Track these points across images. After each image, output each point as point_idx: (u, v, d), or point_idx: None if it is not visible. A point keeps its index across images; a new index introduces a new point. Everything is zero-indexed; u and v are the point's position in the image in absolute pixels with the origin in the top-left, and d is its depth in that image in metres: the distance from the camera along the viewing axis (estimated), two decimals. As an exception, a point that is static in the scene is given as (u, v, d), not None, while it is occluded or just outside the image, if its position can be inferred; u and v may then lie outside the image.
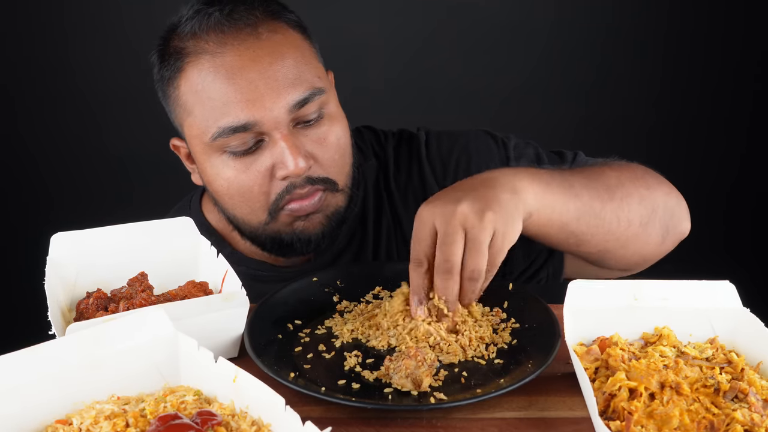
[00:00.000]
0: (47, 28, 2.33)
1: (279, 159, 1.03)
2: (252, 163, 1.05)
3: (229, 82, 1.02)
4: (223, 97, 1.02)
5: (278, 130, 1.03)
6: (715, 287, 0.86)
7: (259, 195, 1.06)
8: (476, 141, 1.23)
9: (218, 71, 1.03)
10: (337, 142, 1.09)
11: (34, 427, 0.68)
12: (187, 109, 1.07)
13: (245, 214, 1.09)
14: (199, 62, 1.04)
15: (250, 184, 1.05)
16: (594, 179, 1.03)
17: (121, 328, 0.74)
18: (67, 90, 2.38)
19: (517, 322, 0.93)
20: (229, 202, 1.09)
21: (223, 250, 1.19)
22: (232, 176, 1.06)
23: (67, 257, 0.94)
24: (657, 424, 0.70)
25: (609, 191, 1.02)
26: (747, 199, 2.62)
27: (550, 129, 2.48)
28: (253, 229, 1.11)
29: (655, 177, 1.11)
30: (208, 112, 1.03)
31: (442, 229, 0.88)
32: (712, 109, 2.54)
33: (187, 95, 1.06)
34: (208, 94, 1.03)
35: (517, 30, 2.46)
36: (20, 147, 2.42)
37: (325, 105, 1.08)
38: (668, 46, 2.49)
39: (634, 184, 1.06)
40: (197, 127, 1.06)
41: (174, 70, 1.07)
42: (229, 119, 1.02)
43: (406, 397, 0.78)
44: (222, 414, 0.67)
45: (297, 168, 1.02)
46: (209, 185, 1.11)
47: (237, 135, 1.03)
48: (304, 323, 0.94)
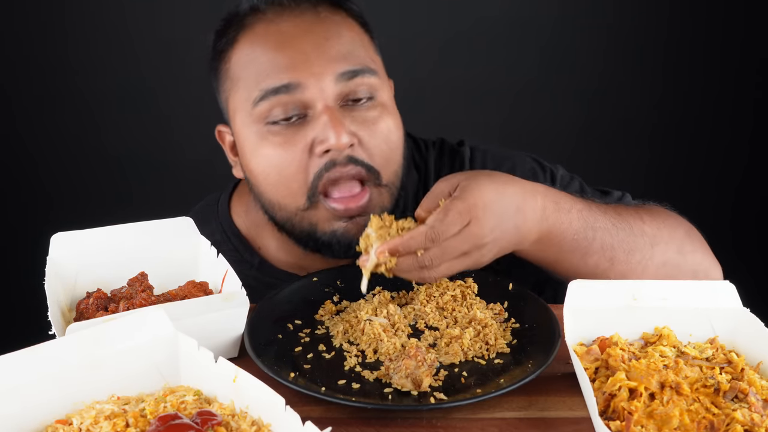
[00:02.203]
0: (47, 27, 2.33)
1: (320, 133, 0.99)
2: (292, 137, 1.01)
3: (280, 48, 1.01)
4: (271, 60, 1.00)
5: (322, 100, 0.99)
6: (715, 287, 0.86)
7: (297, 173, 1.01)
8: (523, 166, 1.19)
9: (270, 38, 1.02)
10: (387, 132, 1.04)
11: (34, 427, 0.68)
12: (234, 80, 1.05)
13: (283, 197, 1.04)
14: (253, 31, 1.04)
15: (288, 159, 1.01)
16: (624, 238, 0.98)
17: (121, 328, 0.74)
18: (67, 90, 2.38)
19: (517, 322, 0.93)
20: (266, 184, 1.05)
21: (251, 260, 1.18)
22: (270, 152, 1.02)
23: (67, 257, 0.94)
24: (657, 424, 0.70)
25: (628, 254, 0.98)
26: (751, 199, 2.62)
27: (553, 134, 2.49)
28: (290, 216, 1.06)
29: (692, 239, 1.05)
30: (253, 76, 1.01)
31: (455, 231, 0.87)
32: (713, 110, 2.55)
33: (237, 65, 1.04)
34: (257, 60, 1.01)
35: (519, 31, 2.46)
36: (20, 147, 2.42)
37: (376, 91, 1.04)
38: (668, 49, 2.50)
39: (665, 247, 1.01)
40: (241, 95, 1.03)
41: (227, 43, 1.06)
42: (273, 80, 0.99)
43: (406, 397, 0.78)
44: (222, 414, 0.67)
45: (338, 142, 0.97)
46: (248, 167, 1.07)
47: (279, 98, 0.99)
48: (304, 323, 0.94)
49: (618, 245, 0.98)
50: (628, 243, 0.99)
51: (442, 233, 0.86)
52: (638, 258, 0.99)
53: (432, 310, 0.95)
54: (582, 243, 0.96)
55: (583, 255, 0.97)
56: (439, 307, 0.95)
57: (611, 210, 1.01)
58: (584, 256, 0.97)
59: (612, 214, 1.00)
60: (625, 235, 0.99)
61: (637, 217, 1.02)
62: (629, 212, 1.02)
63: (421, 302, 0.96)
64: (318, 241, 1.06)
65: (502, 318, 0.94)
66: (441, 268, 0.88)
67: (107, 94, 2.40)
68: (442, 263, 0.88)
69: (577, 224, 0.96)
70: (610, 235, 0.98)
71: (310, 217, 1.04)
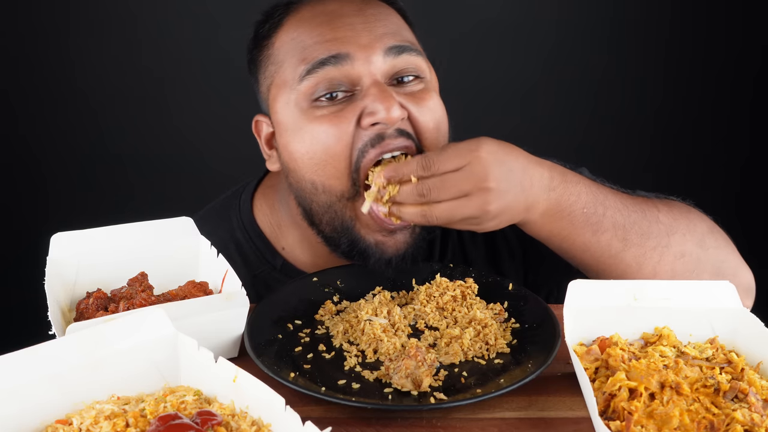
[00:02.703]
0: (49, 28, 2.33)
1: (370, 105, 0.96)
2: (340, 112, 0.98)
3: (329, 23, 1.00)
4: (317, 36, 0.99)
5: (370, 75, 0.98)
6: (715, 287, 0.86)
7: (345, 149, 0.97)
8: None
9: (317, 16, 1.01)
10: (435, 109, 1.02)
11: (34, 427, 0.68)
12: (279, 63, 1.03)
13: (327, 177, 0.99)
14: (299, 12, 1.04)
15: (336, 135, 0.97)
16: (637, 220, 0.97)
17: (121, 328, 0.74)
18: (67, 90, 2.38)
19: (517, 322, 0.93)
20: (311, 164, 1.00)
21: (274, 261, 1.16)
22: (317, 128, 0.98)
23: (67, 257, 0.94)
24: (657, 424, 0.70)
25: (643, 237, 0.97)
26: (754, 199, 2.62)
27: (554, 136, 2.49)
28: (332, 202, 1.01)
29: (715, 235, 1.02)
30: (300, 51, 1.00)
31: (458, 166, 0.87)
32: (713, 110, 2.55)
33: (282, 48, 1.03)
34: (303, 37, 1.00)
35: (521, 31, 2.46)
36: (20, 147, 2.42)
37: (423, 71, 1.03)
38: (671, 43, 2.50)
39: (683, 237, 0.99)
40: (286, 75, 1.02)
41: (271, 28, 1.06)
42: (320, 51, 0.98)
43: (406, 397, 0.78)
44: (222, 414, 0.67)
45: (389, 114, 0.95)
46: (289, 150, 1.03)
47: (325, 71, 0.97)
48: (304, 323, 0.94)
49: (630, 227, 0.96)
50: (641, 226, 0.97)
51: (435, 162, 0.86)
52: (653, 243, 0.97)
53: (432, 310, 0.95)
54: (592, 218, 0.94)
55: (595, 231, 0.95)
56: (439, 307, 0.95)
57: (622, 194, 1.00)
58: (596, 233, 0.95)
59: (623, 196, 0.99)
60: (637, 218, 0.97)
61: (651, 205, 1.00)
62: (643, 199, 1.01)
63: (421, 302, 0.96)
64: (354, 243, 1.02)
65: (502, 318, 0.94)
66: (442, 205, 0.87)
67: (109, 95, 2.40)
68: (441, 197, 0.86)
69: (586, 197, 0.94)
70: (622, 215, 0.96)
71: (354, 208, 1.01)
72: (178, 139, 2.47)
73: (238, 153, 2.36)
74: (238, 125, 2.39)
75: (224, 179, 1.31)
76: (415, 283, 1.02)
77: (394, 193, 0.90)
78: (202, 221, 1.04)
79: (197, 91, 2.43)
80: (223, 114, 2.42)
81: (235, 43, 2.08)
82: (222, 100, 2.41)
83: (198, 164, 2.47)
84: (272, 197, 1.19)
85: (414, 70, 1.02)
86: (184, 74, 2.42)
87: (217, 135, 2.44)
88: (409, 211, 0.89)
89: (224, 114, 2.42)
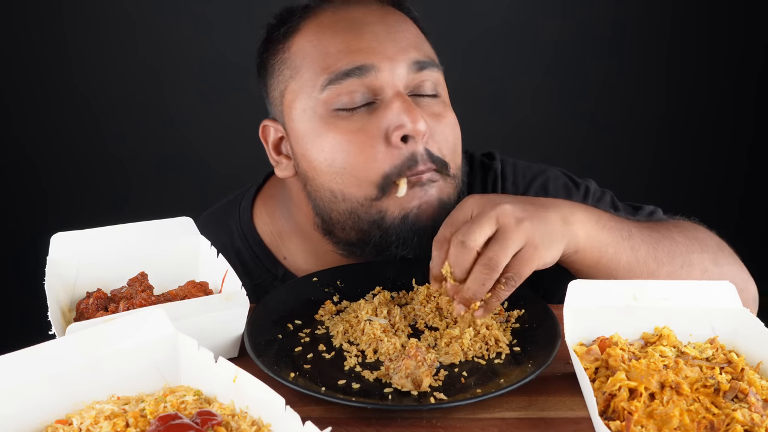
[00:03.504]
0: (46, 28, 2.33)
1: (395, 119, 0.95)
2: (363, 123, 0.97)
3: (353, 31, 0.98)
4: (341, 44, 0.98)
5: (394, 88, 0.97)
6: (715, 287, 0.86)
7: (369, 161, 0.97)
8: (555, 182, 1.17)
9: (339, 23, 1.00)
10: (452, 125, 1.02)
11: (34, 427, 0.68)
12: (296, 68, 1.01)
13: (347, 185, 0.98)
14: (318, 18, 1.02)
15: (359, 146, 0.96)
16: (659, 239, 0.98)
17: (121, 328, 0.74)
18: (67, 90, 2.38)
19: (517, 322, 0.93)
20: (330, 172, 0.99)
21: (275, 270, 1.15)
22: (339, 138, 0.97)
23: (67, 257, 0.94)
24: (657, 424, 0.70)
25: (670, 255, 0.97)
26: (754, 199, 2.62)
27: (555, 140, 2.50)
28: (354, 208, 1.00)
29: (725, 252, 1.04)
30: (322, 59, 0.98)
31: (476, 213, 0.86)
32: (717, 114, 2.55)
33: (300, 53, 1.01)
34: (326, 43, 0.99)
35: (523, 31, 2.46)
36: (20, 147, 2.42)
37: (440, 87, 1.03)
38: (672, 43, 2.50)
39: (700, 256, 1.00)
40: (305, 82, 1.00)
41: (287, 33, 1.04)
42: (345, 62, 0.97)
43: (406, 397, 0.78)
44: (222, 414, 0.67)
45: (415, 126, 0.94)
46: (306, 157, 1.01)
47: (348, 82, 0.96)
48: (304, 323, 0.94)
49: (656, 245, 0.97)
50: (664, 245, 0.97)
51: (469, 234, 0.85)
52: (680, 262, 0.97)
53: (432, 310, 0.95)
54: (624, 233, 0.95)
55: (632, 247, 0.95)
56: (439, 307, 0.95)
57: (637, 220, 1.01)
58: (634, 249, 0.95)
59: (638, 222, 1.00)
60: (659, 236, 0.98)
61: (664, 226, 1.02)
62: (657, 223, 1.03)
63: (421, 302, 0.96)
64: (387, 231, 1.00)
65: (502, 318, 0.94)
66: (499, 255, 0.84)
67: (109, 95, 2.41)
68: (497, 253, 0.84)
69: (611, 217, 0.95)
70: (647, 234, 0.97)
71: (379, 205, 0.99)
72: (179, 140, 2.47)
73: (237, 153, 2.37)
74: (238, 126, 2.41)
75: (224, 179, 1.32)
76: (415, 283, 1.02)
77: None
78: (202, 227, 1.03)
79: (197, 92, 2.43)
80: (223, 114, 2.43)
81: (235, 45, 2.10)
82: (222, 101, 2.42)
83: (198, 164, 2.47)
84: (272, 206, 1.18)
85: (432, 87, 1.02)
86: (185, 74, 2.42)
87: (217, 135, 2.44)
88: (474, 289, 0.86)
89: (224, 114, 2.43)
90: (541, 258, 0.86)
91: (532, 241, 0.85)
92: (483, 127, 2.46)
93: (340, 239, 1.05)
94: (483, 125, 2.47)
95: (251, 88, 1.16)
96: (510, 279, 0.85)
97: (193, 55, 2.39)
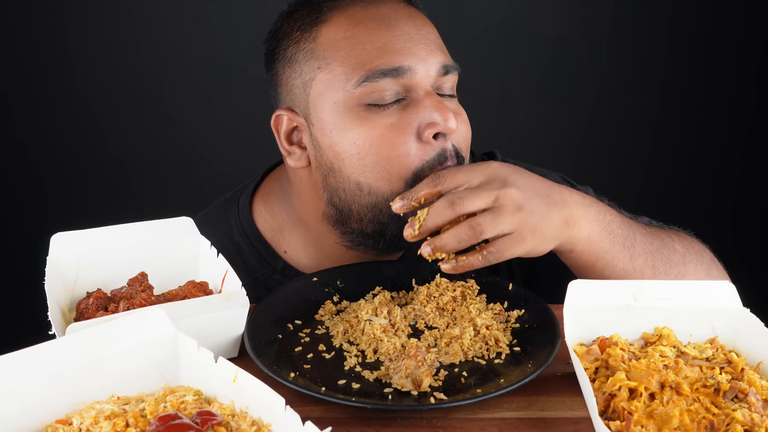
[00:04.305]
0: (47, 28, 2.33)
1: (428, 116, 0.98)
2: (397, 121, 0.99)
3: (387, 29, 1.01)
4: (378, 40, 1.00)
5: (424, 87, 1.00)
6: (715, 287, 0.86)
7: (401, 156, 0.98)
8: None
9: (372, 18, 1.02)
10: (468, 125, 1.06)
11: (34, 427, 0.68)
12: (327, 58, 1.02)
13: (377, 179, 1.00)
14: (349, 11, 1.03)
15: (392, 141, 0.98)
16: (659, 247, 1.00)
17: (121, 328, 0.74)
18: (67, 89, 2.38)
19: (517, 322, 0.93)
20: (361, 165, 1.00)
21: (275, 264, 1.16)
22: (372, 132, 0.99)
23: (67, 257, 0.94)
24: (657, 424, 0.70)
25: (668, 264, 1.00)
26: (753, 199, 2.62)
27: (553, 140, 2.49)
28: (377, 202, 1.02)
29: (717, 266, 1.08)
30: (357, 54, 1.00)
31: (481, 182, 0.89)
32: (713, 111, 2.55)
33: (330, 42, 1.02)
34: (360, 38, 1.01)
35: (521, 31, 2.46)
36: (20, 147, 2.42)
37: (455, 89, 1.07)
38: (671, 45, 2.50)
39: (696, 266, 1.03)
40: (336, 75, 1.01)
41: (313, 21, 1.05)
42: (382, 61, 0.99)
43: (406, 397, 0.78)
44: (222, 414, 0.67)
45: (447, 124, 0.97)
46: (334, 149, 1.02)
47: (384, 81, 0.98)
48: (304, 323, 0.94)
49: (655, 253, 1.00)
50: (663, 253, 1.00)
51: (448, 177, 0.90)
52: (675, 272, 1.00)
53: (432, 310, 0.95)
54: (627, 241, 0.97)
55: (631, 256, 0.98)
56: (439, 307, 0.95)
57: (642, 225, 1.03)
58: (632, 258, 0.98)
59: (643, 226, 1.02)
60: (660, 245, 1.01)
61: (664, 233, 1.04)
62: (659, 230, 1.05)
63: (421, 302, 0.96)
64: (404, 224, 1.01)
65: (502, 318, 0.94)
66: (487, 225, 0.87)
67: (109, 95, 2.40)
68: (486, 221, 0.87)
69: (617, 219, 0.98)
70: (647, 241, 1.00)
71: None
72: (179, 140, 2.47)
73: (238, 153, 2.37)
74: (239, 126, 2.41)
75: (224, 179, 1.31)
76: (415, 283, 1.02)
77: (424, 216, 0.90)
78: (200, 225, 1.03)
79: (198, 92, 2.43)
80: (225, 115, 2.43)
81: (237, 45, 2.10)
82: (224, 101, 2.42)
83: (198, 164, 2.47)
84: (272, 202, 1.19)
85: (451, 88, 1.06)
86: (185, 74, 2.42)
87: (218, 136, 2.44)
88: (449, 241, 0.89)
89: (226, 114, 2.43)
90: (526, 248, 0.90)
91: (521, 231, 0.89)
92: (482, 125, 2.47)
93: (354, 230, 1.06)
94: (482, 123, 2.48)
95: (252, 88, 1.16)
96: (490, 254, 0.89)
97: (195, 55, 2.39)
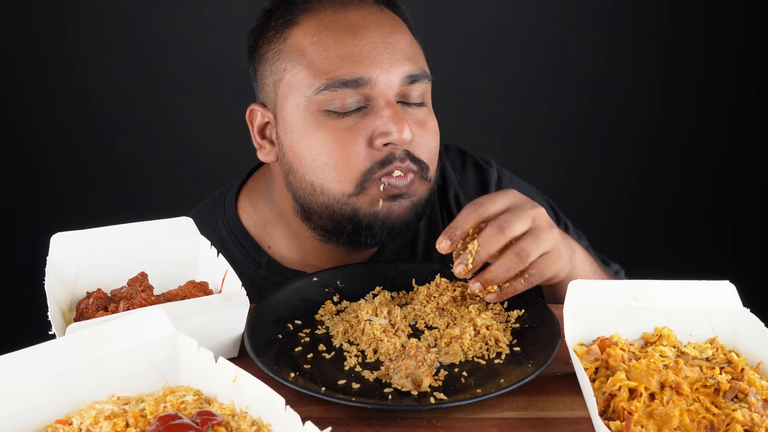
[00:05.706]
0: (48, 26, 2.33)
1: (383, 126, 1.00)
2: (352, 126, 1.01)
3: (352, 37, 1.02)
4: (342, 49, 1.01)
5: (385, 97, 1.01)
6: (715, 287, 0.86)
7: (351, 160, 1.01)
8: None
9: (340, 24, 1.03)
10: (435, 132, 1.08)
11: (34, 427, 0.68)
12: (293, 61, 1.04)
13: (329, 181, 1.03)
14: (319, 15, 1.05)
15: (343, 145, 1.01)
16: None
17: (121, 328, 0.74)
18: (68, 89, 2.38)
19: (517, 322, 0.93)
20: (314, 166, 1.04)
21: (260, 259, 1.18)
22: (326, 136, 1.02)
23: (67, 257, 0.94)
24: (657, 424, 0.70)
25: None
26: (752, 199, 2.62)
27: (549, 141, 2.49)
28: (330, 203, 1.05)
29: None
30: (321, 61, 1.02)
31: (515, 205, 0.92)
32: (711, 111, 2.55)
33: (298, 45, 1.04)
34: (326, 45, 1.02)
35: (518, 31, 2.46)
36: (20, 147, 2.42)
37: (426, 95, 1.08)
38: (668, 45, 2.50)
39: None
40: (301, 78, 1.03)
41: (285, 22, 1.06)
42: (343, 71, 1.00)
43: (406, 397, 0.78)
44: (222, 414, 0.67)
45: (401, 136, 0.99)
46: (293, 149, 1.05)
47: (344, 91, 1.00)
48: (304, 323, 0.94)
49: None
50: None
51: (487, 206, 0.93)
52: None
53: (432, 310, 0.95)
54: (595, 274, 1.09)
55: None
56: (439, 307, 0.95)
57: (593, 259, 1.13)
58: None
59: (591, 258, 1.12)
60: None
61: (605, 271, 1.15)
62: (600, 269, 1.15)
63: (421, 302, 0.96)
64: (359, 224, 1.05)
65: (502, 318, 0.94)
66: (532, 248, 0.91)
67: (109, 94, 2.40)
68: (531, 245, 0.91)
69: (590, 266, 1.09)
70: (598, 276, 1.12)
71: (354, 202, 1.04)
72: (179, 140, 2.47)
73: (238, 153, 2.36)
74: (240, 126, 2.40)
75: (224, 179, 1.31)
76: (415, 284, 1.02)
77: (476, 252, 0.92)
78: None
79: (199, 91, 2.43)
80: (224, 114, 2.42)
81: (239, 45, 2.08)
82: (222, 101, 2.41)
83: (199, 164, 2.47)
84: (256, 198, 1.21)
85: (419, 96, 1.06)
86: (186, 74, 2.42)
87: (217, 135, 2.44)
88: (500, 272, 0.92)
89: (224, 114, 2.42)
90: (562, 265, 0.94)
91: (558, 248, 0.93)
92: (476, 124, 2.47)
93: (317, 225, 1.10)
94: (476, 122, 2.48)
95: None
96: (531, 276, 0.92)
97: (196, 55, 2.39)
